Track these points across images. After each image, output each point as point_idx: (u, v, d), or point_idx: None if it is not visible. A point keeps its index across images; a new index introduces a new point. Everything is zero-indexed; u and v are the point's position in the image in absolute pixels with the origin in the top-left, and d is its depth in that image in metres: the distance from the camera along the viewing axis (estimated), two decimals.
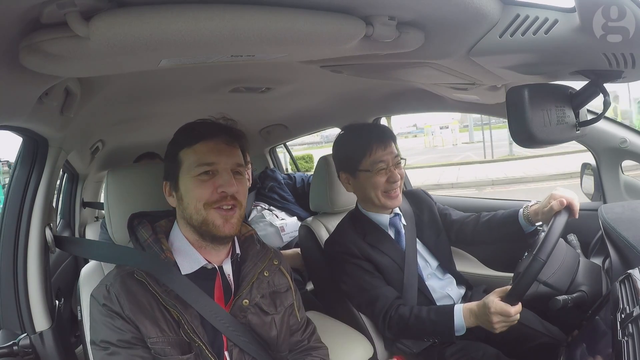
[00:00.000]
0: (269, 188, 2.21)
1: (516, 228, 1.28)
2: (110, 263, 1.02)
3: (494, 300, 1.06)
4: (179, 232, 0.93)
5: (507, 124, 0.82)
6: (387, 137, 1.34)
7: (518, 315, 1.05)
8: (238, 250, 0.98)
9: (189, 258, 0.91)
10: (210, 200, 0.87)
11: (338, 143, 1.44)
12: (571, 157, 9.23)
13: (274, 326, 0.95)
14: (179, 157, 0.91)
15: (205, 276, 0.92)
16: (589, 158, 1.51)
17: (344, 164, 1.40)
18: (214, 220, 0.87)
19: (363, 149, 1.32)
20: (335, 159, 1.46)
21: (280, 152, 3.35)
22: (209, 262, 0.92)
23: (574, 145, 1.44)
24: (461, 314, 1.14)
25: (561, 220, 1.07)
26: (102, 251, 1.02)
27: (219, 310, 0.88)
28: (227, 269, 0.95)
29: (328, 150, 1.56)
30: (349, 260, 1.31)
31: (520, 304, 1.04)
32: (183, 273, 0.89)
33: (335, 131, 1.93)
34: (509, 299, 1.04)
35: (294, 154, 3.31)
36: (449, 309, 1.17)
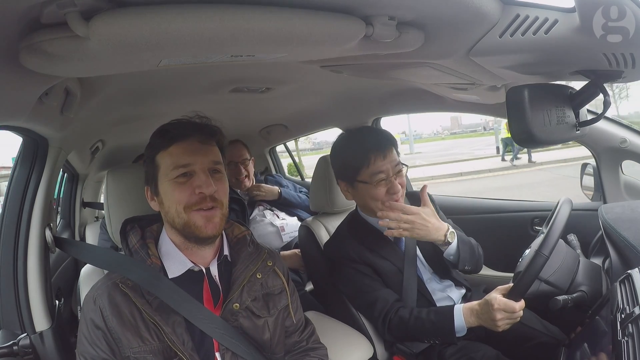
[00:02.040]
0: None
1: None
2: (103, 269, 1.02)
3: (496, 297, 1.05)
4: (166, 236, 0.93)
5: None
6: (386, 144, 1.24)
7: (521, 312, 1.04)
8: (226, 252, 0.97)
9: (176, 261, 0.91)
10: (190, 202, 0.86)
11: (335, 150, 1.37)
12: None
13: (266, 329, 0.94)
14: (156, 160, 0.91)
15: (193, 279, 0.91)
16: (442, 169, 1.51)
17: (342, 172, 1.32)
18: (196, 222, 0.87)
19: (361, 159, 1.22)
20: (333, 166, 1.39)
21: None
22: (196, 264, 0.91)
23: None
24: (461, 314, 1.13)
25: (563, 217, 1.06)
26: (97, 256, 1.01)
27: (209, 315, 0.88)
28: (214, 270, 0.94)
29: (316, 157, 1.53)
30: (348, 264, 1.30)
31: (523, 300, 1.04)
32: (170, 277, 0.89)
33: (325, 138, 1.92)
34: (511, 295, 1.04)
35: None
36: (449, 310, 1.16)
